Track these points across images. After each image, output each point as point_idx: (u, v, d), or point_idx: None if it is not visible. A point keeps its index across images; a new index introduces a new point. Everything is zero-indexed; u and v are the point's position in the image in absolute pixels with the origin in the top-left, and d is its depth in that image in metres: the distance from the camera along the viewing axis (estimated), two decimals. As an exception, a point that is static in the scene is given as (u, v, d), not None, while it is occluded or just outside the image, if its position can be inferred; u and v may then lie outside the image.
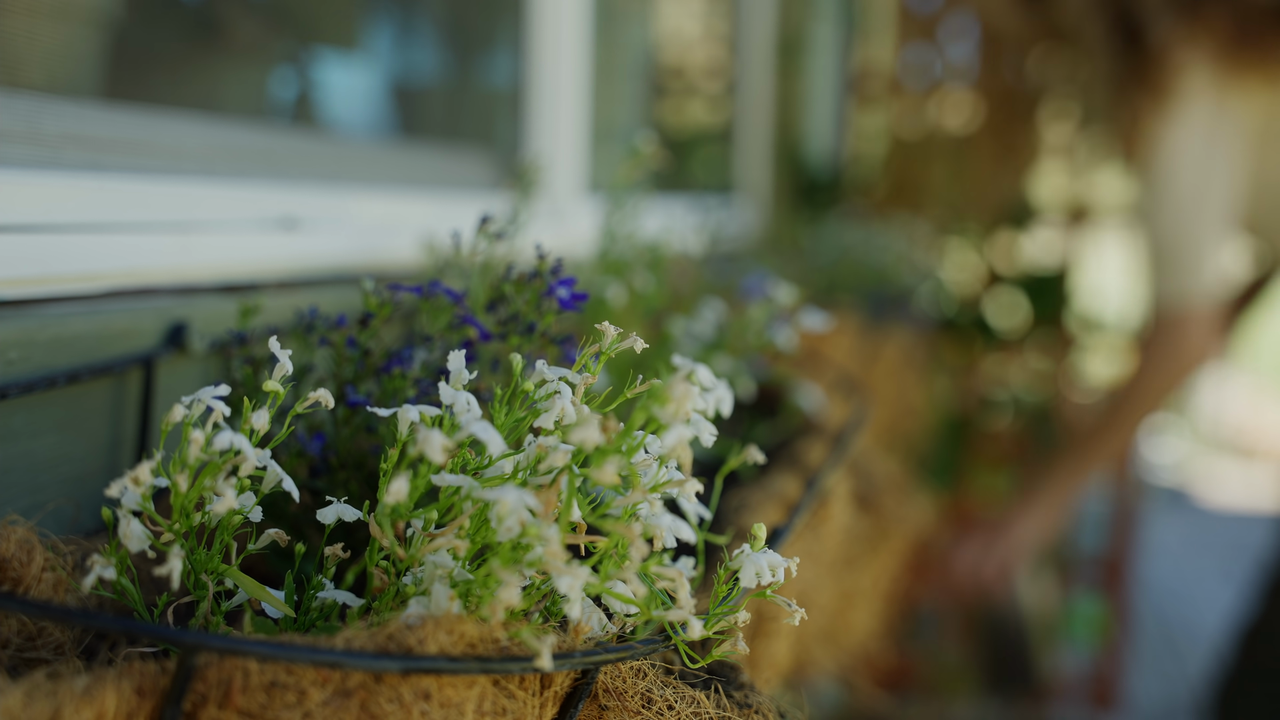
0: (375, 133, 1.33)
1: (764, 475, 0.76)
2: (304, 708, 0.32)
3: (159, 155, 0.80)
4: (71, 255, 0.63)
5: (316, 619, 0.41)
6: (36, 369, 0.55)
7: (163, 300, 0.67)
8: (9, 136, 0.67)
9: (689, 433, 0.35)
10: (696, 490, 0.40)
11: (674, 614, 0.37)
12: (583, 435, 0.33)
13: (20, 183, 0.62)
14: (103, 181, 0.69)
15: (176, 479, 0.37)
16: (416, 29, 1.46)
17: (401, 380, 0.59)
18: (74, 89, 0.82)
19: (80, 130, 0.73)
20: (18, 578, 0.39)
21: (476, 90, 1.53)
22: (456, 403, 0.38)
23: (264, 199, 0.84)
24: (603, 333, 0.42)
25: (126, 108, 0.84)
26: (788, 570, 0.41)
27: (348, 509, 0.40)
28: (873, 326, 1.68)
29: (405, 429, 0.38)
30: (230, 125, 0.97)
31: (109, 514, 0.39)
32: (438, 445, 0.34)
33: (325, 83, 1.22)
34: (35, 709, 0.30)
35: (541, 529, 0.34)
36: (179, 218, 0.75)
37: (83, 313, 0.60)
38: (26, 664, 0.38)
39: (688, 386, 0.34)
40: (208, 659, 0.33)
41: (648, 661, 0.40)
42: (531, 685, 0.37)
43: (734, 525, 0.62)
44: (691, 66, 2.36)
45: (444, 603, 0.36)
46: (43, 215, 0.63)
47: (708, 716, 0.40)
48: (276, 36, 1.14)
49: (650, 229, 1.01)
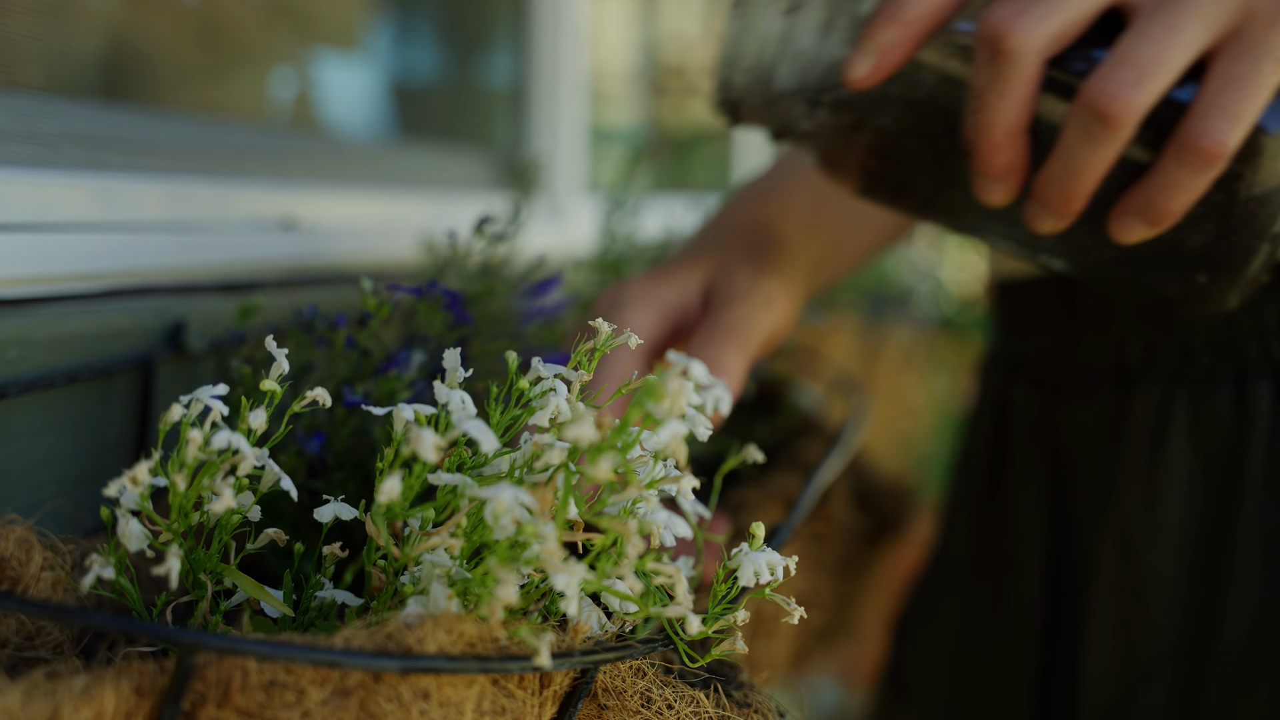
0: (375, 132, 1.33)
1: (764, 474, 0.76)
2: (303, 707, 0.32)
3: (159, 155, 0.80)
4: (71, 255, 0.63)
5: (315, 618, 0.41)
6: (36, 368, 0.55)
7: (162, 300, 0.67)
8: (8, 136, 0.67)
9: (684, 428, 0.34)
10: (694, 487, 0.40)
11: (672, 610, 0.37)
12: (577, 432, 0.33)
13: (20, 182, 0.62)
14: (103, 181, 0.69)
15: (174, 478, 0.37)
16: (416, 29, 1.46)
17: (397, 381, 0.59)
18: (74, 88, 0.82)
19: (80, 130, 0.73)
20: (16, 577, 0.39)
21: (476, 90, 1.53)
22: (451, 401, 0.38)
23: (263, 198, 0.84)
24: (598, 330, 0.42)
25: (126, 107, 0.84)
26: (787, 569, 0.41)
27: (345, 508, 0.40)
28: (872, 326, 1.68)
29: (400, 427, 0.38)
30: (230, 125, 0.97)
31: (108, 513, 0.39)
32: (430, 444, 0.34)
33: (325, 82, 1.22)
34: (34, 708, 0.30)
35: (538, 526, 0.34)
36: (179, 217, 0.75)
37: (82, 312, 0.60)
38: (25, 663, 0.38)
39: (682, 382, 0.34)
40: (206, 658, 0.33)
41: (647, 661, 0.40)
42: (531, 684, 0.37)
43: (733, 524, 0.62)
44: (691, 66, 2.36)
45: (442, 601, 0.36)
46: (42, 215, 0.63)
47: (707, 716, 0.40)
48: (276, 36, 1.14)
49: (651, 228, 1.02)
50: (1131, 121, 0.44)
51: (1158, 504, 0.64)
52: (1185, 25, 0.43)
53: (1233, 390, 0.62)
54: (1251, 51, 0.43)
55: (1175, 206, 0.46)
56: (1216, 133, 0.43)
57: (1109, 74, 0.44)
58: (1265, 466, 0.61)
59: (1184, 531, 0.63)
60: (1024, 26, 0.44)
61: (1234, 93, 0.43)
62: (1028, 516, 0.74)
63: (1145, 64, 0.43)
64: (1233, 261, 0.48)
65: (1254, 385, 0.61)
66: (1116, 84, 0.43)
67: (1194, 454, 0.63)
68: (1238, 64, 0.43)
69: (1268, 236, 0.47)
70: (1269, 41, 0.43)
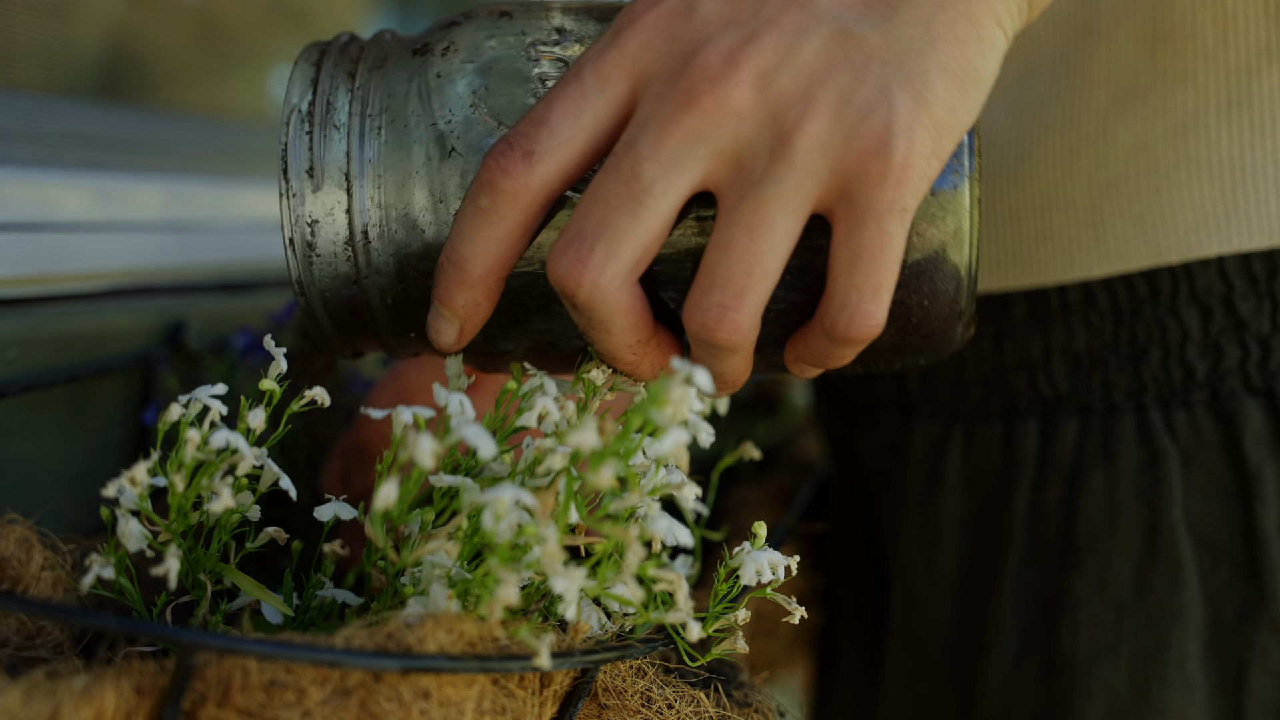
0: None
1: (763, 473, 0.76)
2: (303, 706, 0.32)
3: (159, 155, 0.80)
4: (71, 255, 0.63)
5: (316, 618, 0.41)
6: (36, 368, 0.55)
7: (162, 299, 0.67)
8: (8, 136, 0.67)
9: (686, 437, 0.34)
10: (695, 494, 0.40)
11: (672, 616, 0.37)
12: (580, 438, 0.33)
13: (20, 182, 0.62)
14: (103, 181, 0.69)
15: (173, 478, 0.37)
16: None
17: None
18: (74, 88, 0.82)
19: (80, 130, 0.73)
20: (17, 576, 0.39)
21: (476, 89, 1.53)
22: (450, 404, 0.38)
23: (263, 198, 0.84)
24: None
25: (126, 107, 0.84)
26: (788, 568, 0.41)
27: (345, 507, 0.40)
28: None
29: (399, 430, 0.38)
30: (230, 125, 0.97)
31: (107, 513, 0.39)
32: (427, 450, 0.34)
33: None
34: (34, 708, 0.30)
35: (540, 529, 0.34)
36: (179, 217, 0.75)
37: (82, 312, 0.60)
38: (25, 663, 0.38)
39: (685, 389, 0.34)
40: (207, 658, 0.33)
41: (647, 660, 0.40)
42: (531, 684, 0.37)
43: (733, 523, 0.62)
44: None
45: (442, 602, 0.36)
46: (42, 215, 0.63)
47: (707, 715, 0.40)
48: (276, 36, 1.14)
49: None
50: (748, 340, 0.38)
51: (934, 549, 0.60)
52: (772, 219, 0.36)
53: (1002, 427, 0.57)
54: (870, 215, 0.36)
55: (844, 362, 0.41)
56: (865, 317, 0.37)
57: (703, 301, 0.37)
58: (1029, 515, 0.56)
59: (957, 581, 0.59)
60: (591, 274, 0.37)
61: (867, 267, 0.37)
62: (848, 547, 0.70)
63: (739, 281, 0.37)
64: (933, 346, 0.43)
65: (1023, 422, 0.57)
66: (714, 314, 0.37)
67: (968, 496, 0.59)
68: (860, 232, 0.37)
69: (953, 313, 0.42)
70: (883, 198, 0.36)
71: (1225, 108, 0.52)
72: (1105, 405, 0.55)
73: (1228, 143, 0.52)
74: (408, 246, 0.42)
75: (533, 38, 0.43)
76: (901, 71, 0.36)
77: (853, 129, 0.36)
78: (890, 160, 0.36)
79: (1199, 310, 0.53)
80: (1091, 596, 0.54)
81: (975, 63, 0.37)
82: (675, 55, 0.37)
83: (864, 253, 0.37)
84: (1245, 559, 0.52)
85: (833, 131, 0.36)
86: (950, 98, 0.37)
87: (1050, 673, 0.55)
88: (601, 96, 0.38)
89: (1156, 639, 0.53)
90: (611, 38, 0.39)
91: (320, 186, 0.42)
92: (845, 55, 0.36)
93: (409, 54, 0.45)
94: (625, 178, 0.37)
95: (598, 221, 0.37)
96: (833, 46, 0.37)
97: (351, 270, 0.42)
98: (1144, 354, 0.54)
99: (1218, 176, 0.52)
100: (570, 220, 0.38)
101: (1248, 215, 0.51)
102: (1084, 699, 0.54)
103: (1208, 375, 0.53)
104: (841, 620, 0.72)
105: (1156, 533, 0.53)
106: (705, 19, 0.37)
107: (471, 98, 0.42)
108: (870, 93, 0.36)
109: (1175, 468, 0.53)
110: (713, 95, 0.36)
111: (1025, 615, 0.56)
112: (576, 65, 0.39)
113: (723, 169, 0.37)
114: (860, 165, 0.36)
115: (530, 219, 0.39)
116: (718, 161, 0.37)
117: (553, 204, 0.40)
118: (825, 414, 0.73)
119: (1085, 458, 0.55)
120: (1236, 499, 0.53)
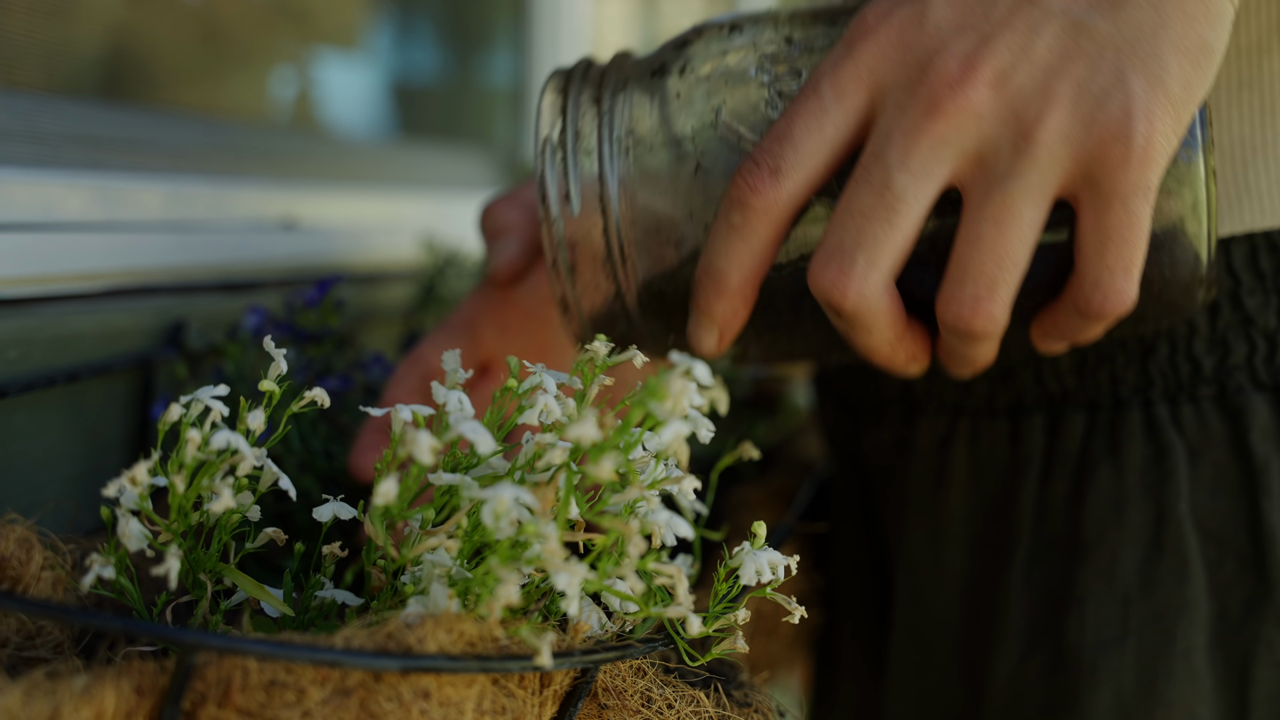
0: (375, 132, 1.33)
1: (763, 473, 0.76)
2: (303, 706, 0.32)
3: (159, 155, 0.80)
4: (71, 255, 0.63)
5: (315, 618, 0.41)
6: (36, 368, 0.55)
7: (162, 299, 0.67)
8: (8, 136, 0.67)
9: (686, 429, 0.34)
10: (695, 487, 0.40)
11: (673, 610, 0.37)
12: (580, 432, 0.33)
13: (20, 182, 0.62)
14: (103, 181, 0.69)
15: (174, 479, 0.37)
16: (416, 28, 1.46)
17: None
18: (74, 88, 0.82)
19: (80, 130, 0.73)
20: (17, 576, 0.39)
21: (476, 90, 1.53)
22: (449, 402, 0.38)
23: (263, 198, 0.84)
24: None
25: (126, 107, 0.84)
26: (788, 568, 0.41)
27: (344, 507, 0.40)
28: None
29: (398, 428, 0.38)
30: (230, 125, 0.97)
31: (108, 513, 0.39)
32: (426, 446, 0.34)
33: (325, 82, 1.22)
34: (34, 707, 0.30)
35: (540, 526, 0.34)
36: (179, 217, 0.75)
37: (82, 312, 0.60)
38: (25, 662, 0.38)
39: (685, 382, 0.34)
40: (207, 658, 0.33)
41: (647, 660, 0.40)
42: (531, 684, 0.37)
43: (733, 523, 0.62)
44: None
45: (442, 601, 0.36)
46: (42, 215, 0.63)
47: (707, 715, 0.40)
48: (276, 36, 1.14)
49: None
50: (1001, 327, 0.40)
51: (940, 545, 0.60)
52: (1019, 211, 0.38)
53: (1008, 423, 0.57)
54: (1116, 198, 0.38)
55: (1096, 336, 0.43)
56: (1119, 293, 0.40)
57: (956, 294, 0.40)
58: (1036, 510, 0.56)
59: (964, 576, 0.59)
60: (855, 284, 0.40)
61: (1118, 247, 0.39)
62: (851, 544, 0.70)
63: (990, 273, 0.39)
64: (1176, 311, 0.46)
65: (1029, 418, 0.56)
66: (969, 306, 0.39)
67: (974, 492, 0.58)
68: (1107, 215, 0.39)
69: (1194, 280, 0.44)
70: (1128, 180, 0.38)
71: (1235, 87, 0.52)
72: (1112, 400, 0.55)
73: (1238, 123, 0.52)
74: (662, 261, 0.45)
75: (764, 50, 0.45)
76: (1135, 55, 0.38)
77: (1091, 116, 0.38)
78: (1132, 143, 0.38)
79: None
80: (1098, 590, 0.54)
81: (1207, 36, 0.39)
82: (911, 64, 0.39)
83: (1113, 234, 0.39)
84: (1251, 553, 0.53)
85: (1073, 121, 0.38)
86: (1185, 74, 0.38)
87: (1057, 666, 0.55)
88: (840, 109, 0.40)
89: (1163, 632, 0.53)
90: (845, 50, 0.40)
91: (576, 211, 0.45)
92: (1079, 46, 0.38)
93: (648, 75, 0.47)
94: (878, 188, 0.39)
95: (855, 233, 0.39)
96: (1065, 40, 0.38)
97: (611, 286, 0.46)
98: (1151, 349, 0.54)
99: (1229, 156, 0.52)
100: (827, 233, 0.40)
101: (1259, 195, 0.51)
102: (1091, 692, 0.54)
103: (1215, 370, 0.53)
104: (843, 617, 0.72)
105: (1163, 527, 0.53)
106: (937, 25, 0.39)
107: (711, 114, 0.44)
108: (1106, 79, 0.38)
109: (1182, 462, 0.53)
110: (954, 101, 0.38)
111: (1032, 609, 0.56)
112: (813, 78, 0.41)
113: (968, 168, 0.39)
114: (1102, 151, 0.38)
115: (779, 232, 0.42)
116: (963, 161, 0.39)
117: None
118: (828, 412, 0.73)
119: (1092, 453, 0.55)
120: (1243, 493, 0.53)
